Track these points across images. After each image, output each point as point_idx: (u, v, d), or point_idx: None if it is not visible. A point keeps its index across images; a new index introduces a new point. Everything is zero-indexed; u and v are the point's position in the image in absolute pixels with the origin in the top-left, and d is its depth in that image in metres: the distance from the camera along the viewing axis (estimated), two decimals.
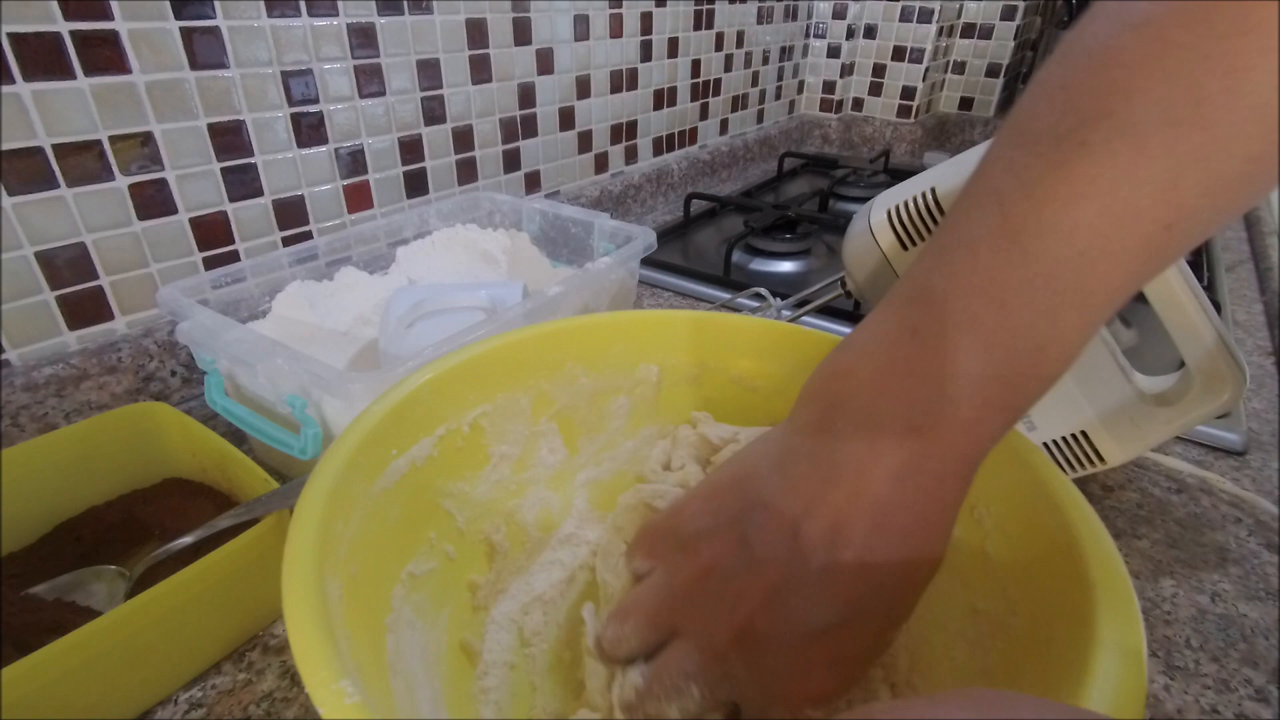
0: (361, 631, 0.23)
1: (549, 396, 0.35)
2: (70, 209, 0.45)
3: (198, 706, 0.32)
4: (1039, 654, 0.22)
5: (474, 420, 0.32)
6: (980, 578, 0.27)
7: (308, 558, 0.21)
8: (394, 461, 0.28)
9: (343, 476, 0.25)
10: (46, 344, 0.47)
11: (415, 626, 0.28)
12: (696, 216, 0.92)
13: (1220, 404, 0.37)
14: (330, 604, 0.20)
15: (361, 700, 0.17)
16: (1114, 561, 0.21)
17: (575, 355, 0.35)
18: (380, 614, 0.26)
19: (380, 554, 0.27)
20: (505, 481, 0.35)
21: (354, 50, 0.57)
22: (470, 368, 0.32)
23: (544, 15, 0.72)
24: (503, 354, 0.33)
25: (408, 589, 0.28)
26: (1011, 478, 0.26)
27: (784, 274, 0.79)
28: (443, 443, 0.31)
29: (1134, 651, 0.19)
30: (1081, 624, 0.20)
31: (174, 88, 0.48)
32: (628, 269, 0.53)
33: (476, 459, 0.33)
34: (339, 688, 0.17)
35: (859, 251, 0.44)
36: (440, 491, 0.31)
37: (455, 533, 0.32)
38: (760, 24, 1.08)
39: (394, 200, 0.65)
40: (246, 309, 0.48)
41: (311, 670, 0.18)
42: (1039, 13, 1.33)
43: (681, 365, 0.37)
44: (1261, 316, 0.70)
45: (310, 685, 0.17)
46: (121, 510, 0.39)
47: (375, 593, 0.26)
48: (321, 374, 0.35)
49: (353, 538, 0.25)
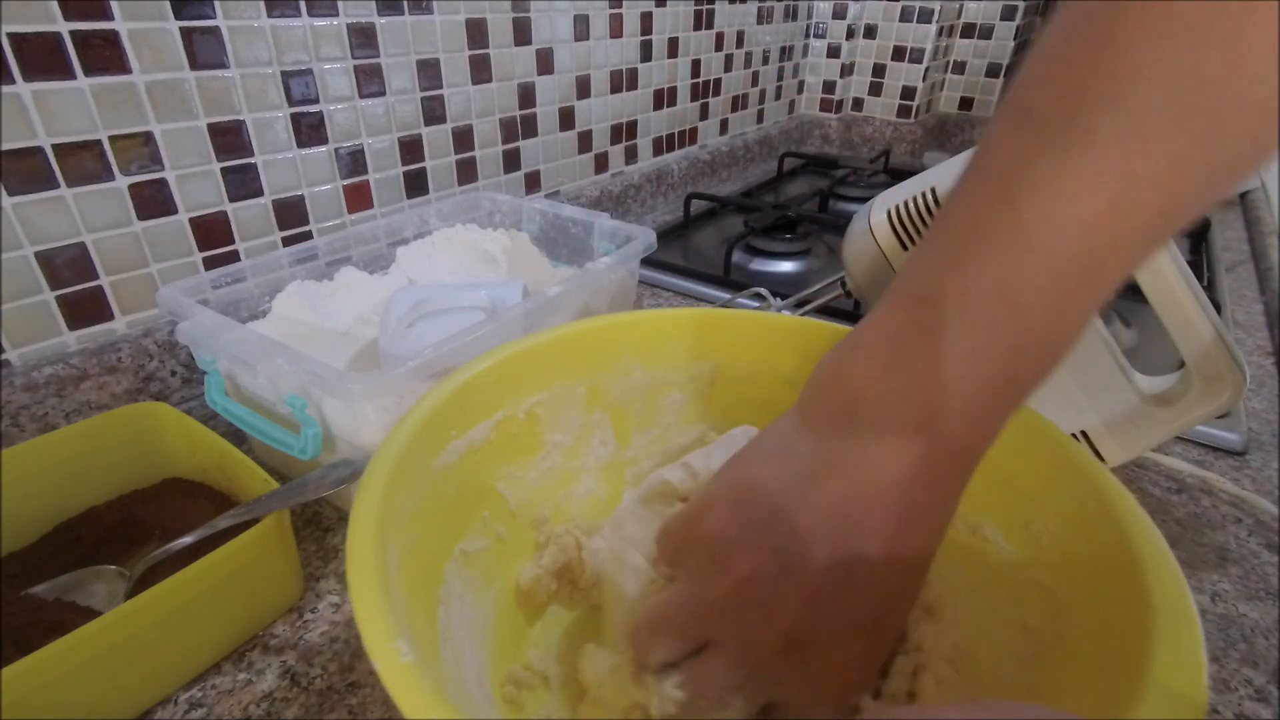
0: (416, 600, 0.24)
1: (603, 388, 0.36)
2: (70, 209, 0.45)
3: (198, 706, 0.32)
4: (1089, 677, 0.22)
5: (530, 408, 0.34)
6: (1034, 595, 0.26)
7: (371, 524, 0.22)
8: (453, 442, 0.30)
9: (406, 452, 0.26)
10: (46, 344, 0.47)
11: (465, 600, 0.29)
12: (696, 216, 0.92)
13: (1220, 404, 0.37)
14: (389, 569, 0.21)
15: (415, 660, 0.18)
16: (1178, 589, 0.21)
17: (631, 349, 0.36)
18: (433, 586, 0.27)
19: (436, 529, 0.28)
20: (557, 469, 0.36)
21: (354, 50, 0.57)
22: (529, 357, 0.33)
23: (544, 15, 0.72)
24: (561, 345, 0.34)
25: (459, 564, 0.29)
26: (1072, 494, 0.26)
27: (784, 274, 0.79)
28: (499, 427, 0.32)
29: (1189, 696, 0.18)
30: (1138, 652, 0.19)
31: (174, 88, 0.48)
32: (628, 269, 0.53)
33: (531, 445, 0.34)
34: (395, 647, 0.18)
35: (859, 251, 0.44)
36: (495, 474, 0.33)
37: (507, 515, 0.33)
38: (760, 24, 1.08)
39: (394, 200, 0.65)
40: (246, 309, 0.48)
41: (371, 629, 0.18)
42: (1039, 13, 1.33)
43: (736, 363, 0.37)
44: (1261, 316, 0.70)
45: (368, 643, 0.18)
46: (121, 510, 0.39)
47: (430, 565, 0.27)
48: (321, 374, 0.35)
49: (412, 510, 0.26)
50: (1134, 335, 0.63)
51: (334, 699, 0.32)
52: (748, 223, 0.84)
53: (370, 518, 0.22)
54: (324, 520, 0.43)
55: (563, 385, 0.35)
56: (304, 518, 0.43)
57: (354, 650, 0.35)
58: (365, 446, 0.38)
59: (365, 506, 0.23)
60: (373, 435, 0.37)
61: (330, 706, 0.32)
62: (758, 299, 0.60)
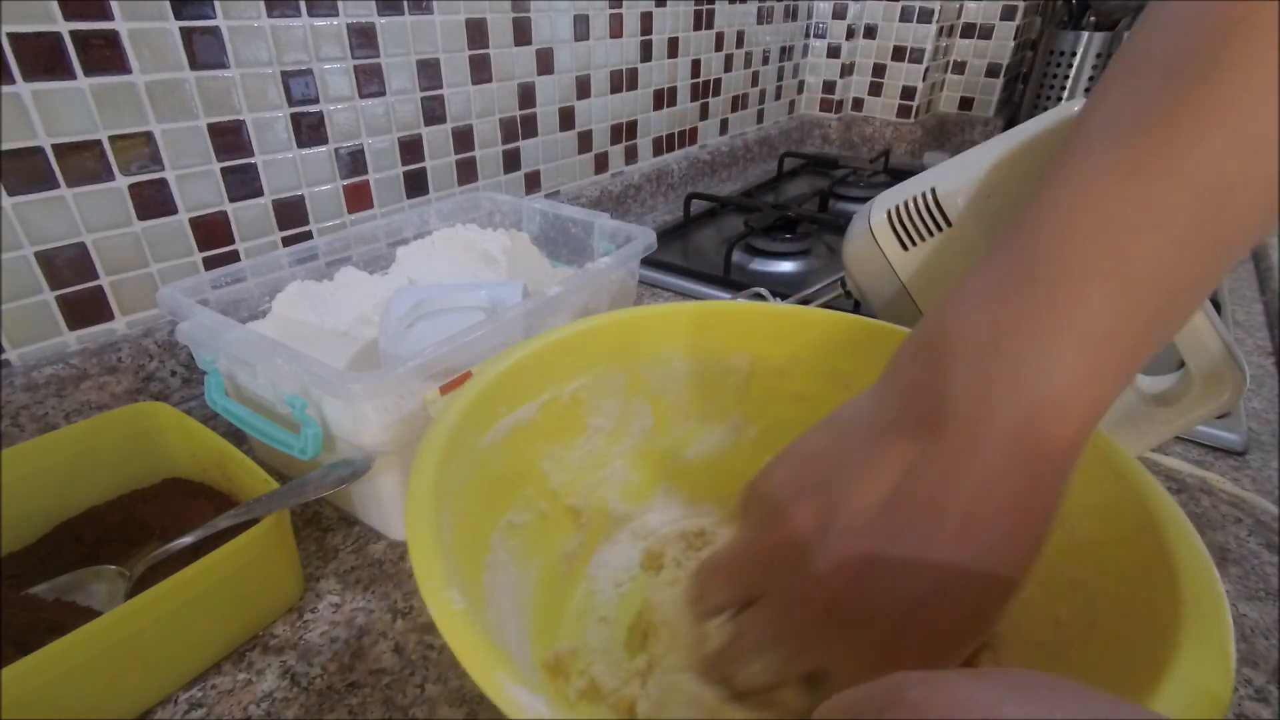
0: (464, 563, 0.25)
1: (643, 377, 0.37)
2: (70, 209, 0.45)
3: (198, 706, 0.32)
4: (1117, 670, 0.22)
5: (574, 391, 0.35)
6: (1066, 588, 0.26)
7: (428, 488, 0.24)
8: (502, 419, 0.31)
9: (458, 426, 0.28)
10: (46, 344, 0.47)
11: (509, 570, 0.30)
12: (696, 216, 0.92)
13: (1220, 404, 0.37)
14: (443, 530, 0.23)
15: (466, 609, 0.19)
16: (1210, 586, 0.20)
17: (670, 340, 0.37)
18: (480, 553, 0.29)
19: (484, 500, 0.30)
20: (597, 452, 0.37)
21: (354, 50, 0.57)
22: (574, 343, 0.35)
23: (544, 15, 0.72)
24: (605, 333, 0.36)
25: (504, 535, 0.31)
26: (1107, 489, 0.26)
27: (784, 274, 0.79)
28: (545, 408, 0.34)
29: (1213, 692, 0.18)
30: (1165, 647, 0.19)
31: (174, 88, 0.48)
32: (628, 269, 0.53)
33: (574, 427, 0.36)
34: (448, 595, 0.20)
35: (859, 251, 0.44)
36: (540, 453, 0.34)
37: (549, 493, 0.35)
38: (760, 24, 1.08)
39: (394, 200, 0.65)
40: (246, 309, 0.48)
41: (427, 578, 0.20)
42: (1039, 13, 1.33)
43: (773, 356, 0.38)
44: (1261, 316, 0.70)
45: (425, 592, 0.20)
46: (121, 510, 0.39)
47: (477, 533, 0.29)
48: (321, 374, 0.35)
49: (464, 481, 0.27)
50: None
51: (334, 699, 0.32)
52: (748, 223, 0.84)
53: (427, 484, 0.24)
54: (324, 520, 0.43)
55: (605, 371, 0.36)
56: (304, 518, 0.43)
57: (354, 650, 0.35)
58: (365, 446, 0.38)
59: (422, 475, 0.24)
60: (373, 435, 0.37)
61: (330, 706, 0.32)
62: (757, 299, 0.60)
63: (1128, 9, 1.13)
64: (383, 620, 0.37)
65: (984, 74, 1.31)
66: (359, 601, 0.38)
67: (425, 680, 0.34)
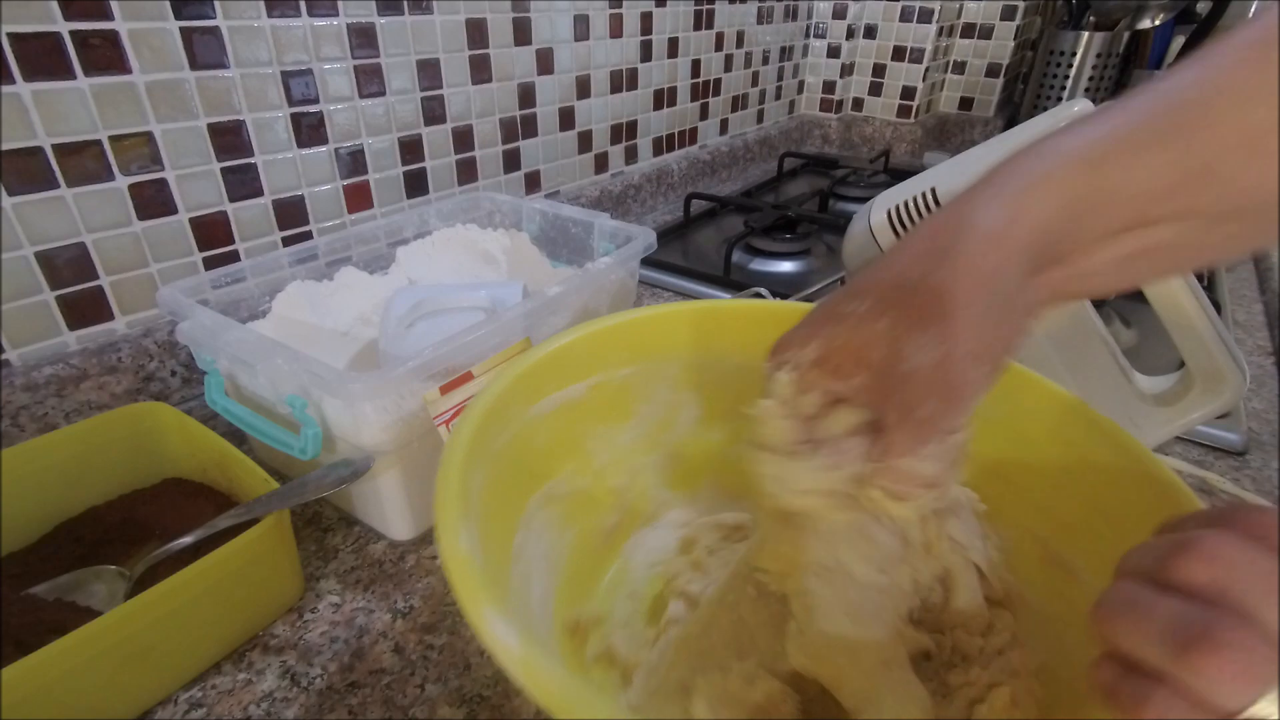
0: (494, 521, 0.27)
1: (695, 368, 0.38)
2: (70, 209, 0.45)
3: (198, 706, 0.32)
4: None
5: (625, 377, 0.36)
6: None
7: (462, 446, 0.26)
8: (550, 395, 0.32)
9: (503, 396, 0.29)
10: (46, 344, 0.47)
11: (543, 536, 0.32)
12: (696, 216, 0.92)
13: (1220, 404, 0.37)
14: (470, 482, 0.25)
15: (470, 549, 0.21)
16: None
17: (723, 334, 0.38)
18: (515, 514, 0.30)
19: (524, 467, 0.31)
20: (644, 438, 0.38)
21: (354, 50, 0.57)
22: (622, 331, 0.36)
23: (544, 15, 0.72)
24: (657, 323, 0.37)
25: (541, 502, 0.32)
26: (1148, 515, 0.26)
27: (784, 274, 0.79)
28: (595, 390, 0.35)
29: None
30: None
31: (174, 88, 0.48)
32: (628, 269, 0.53)
33: (622, 411, 0.37)
34: (457, 530, 0.22)
35: (859, 251, 0.44)
36: (586, 432, 0.35)
37: (592, 470, 0.36)
38: (760, 24, 1.08)
39: (394, 200, 0.65)
40: (246, 309, 0.48)
41: (443, 514, 0.22)
42: (1039, 13, 1.33)
43: None
44: (1261, 316, 0.70)
45: (438, 528, 0.22)
46: (121, 510, 0.39)
47: (513, 496, 0.30)
48: (321, 374, 0.35)
49: (503, 445, 0.29)
50: (1134, 335, 0.63)
51: (334, 699, 0.32)
52: (748, 223, 0.84)
53: (462, 443, 0.26)
54: (324, 520, 0.43)
55: (658, 360, 0.37)
56: (304, 518, 0.43)
57: (354, 650, 0.35)
58: (365, 446, 0.38)
59: (460, 435, 0.26)
60: (373, 435, 0.37)
61: (330, 706, 0.32)
62: (757, 299, 0.60)
63: (1128, 9, 1.13)
64: (383, 620, 0.37)
65: (984, 74, 1.31)
66: (359, 601, 0.38)
67: (425, 680, 0.34)
